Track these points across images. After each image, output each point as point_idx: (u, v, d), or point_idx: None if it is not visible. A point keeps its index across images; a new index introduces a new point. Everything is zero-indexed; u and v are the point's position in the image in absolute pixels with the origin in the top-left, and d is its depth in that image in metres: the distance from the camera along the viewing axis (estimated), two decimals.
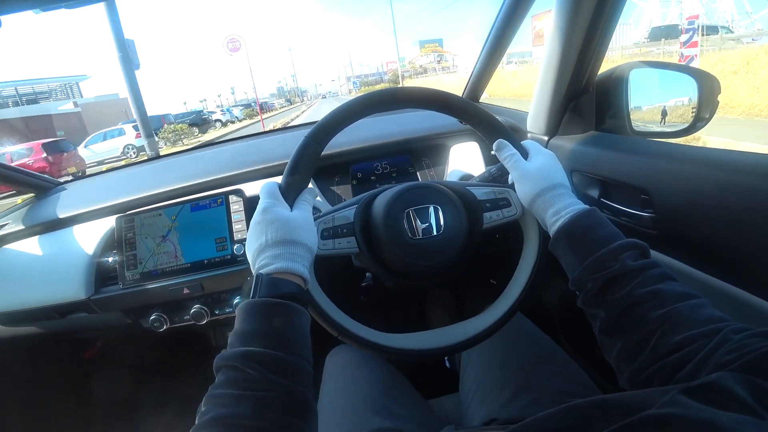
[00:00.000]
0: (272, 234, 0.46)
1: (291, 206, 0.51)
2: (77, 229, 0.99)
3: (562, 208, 0.50)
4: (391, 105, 0.58)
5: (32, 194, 1.22)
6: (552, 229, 0.51)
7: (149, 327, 0.93)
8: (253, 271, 0.46)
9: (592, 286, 0.44)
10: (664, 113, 0.81)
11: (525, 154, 0.57)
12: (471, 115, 0.60)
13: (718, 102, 0.70)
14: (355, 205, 0.58)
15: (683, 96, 0.76)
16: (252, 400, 0.35)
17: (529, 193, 0.54)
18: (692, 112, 0.73)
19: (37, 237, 1.02)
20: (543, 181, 0.53)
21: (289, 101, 67.48)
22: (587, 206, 0.50)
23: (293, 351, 0.40)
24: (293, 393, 0.37)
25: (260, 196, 0.51)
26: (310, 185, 0.58)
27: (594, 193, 0.77)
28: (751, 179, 0.50)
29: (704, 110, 0.71)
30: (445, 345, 0.56)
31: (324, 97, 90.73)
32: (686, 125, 0.74)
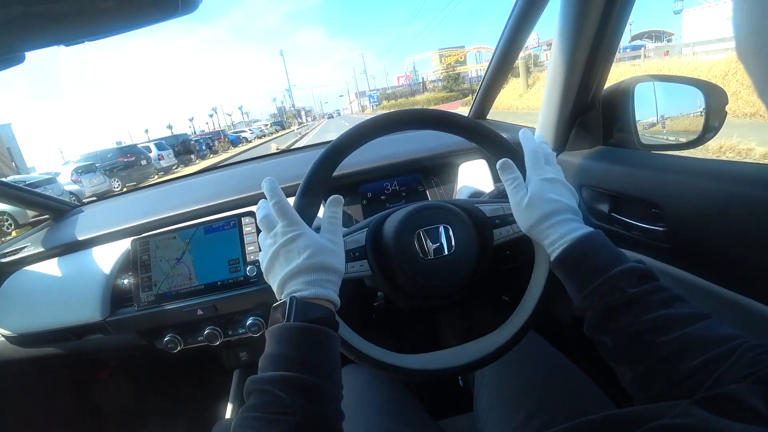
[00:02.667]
0: (304, 260, 0.46)
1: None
2: (94, 252, 1.01)
3: (556, 240, 0.49)
4: (396, 127, 0.58)
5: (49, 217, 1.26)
6: (551, 259, 0.50)
7: (163, 348, 0.94)
8: (280, 296, 0.46)
9: (593, 315, 0.44)
10: (671, 125, 0.81)
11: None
12: (475, 133, 0.60)
13: (726, 113, 0.70)
14: (366, 228, 0.59)
15: (690, 108, 0.77)
16: (284, 424, 0.35)
17: (524, 224, 0.53)
18: (700, 124, 0.73)
19: (54, 259, 1.04)
20: (534, 213, 0.51)
21: (281, 125, 49.65)
22: (585, 231, 0.48)
23: (327, 377, 0.40)
24: (325, 420, 0.38)
25: (278, 220, 0.49)
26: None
27: (604, 207, 0.77)
28: (763, 191, 0.50)
29: (712, 121, 0.71)
30: (462, 364, 0.55)
31: (330, 116, 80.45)
32: (695, 137, 0.74)
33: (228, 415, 1.23)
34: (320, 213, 0.54)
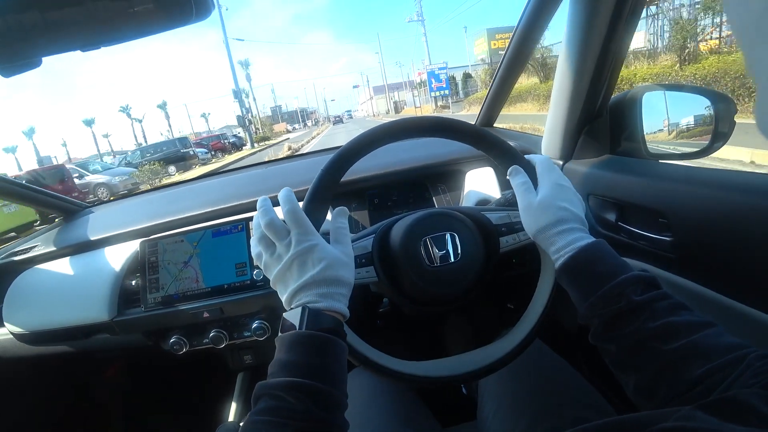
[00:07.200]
0: (319, 272, 0.46)
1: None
2: (102, 252, 1.03)
3: (562, 247, 0.49)
4: (404, 135, 0.58)
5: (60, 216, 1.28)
6: (555, 266, 0.51)
7: (169, 349, 0.94)
8: (289, 305, 0.46)
9: (599, 322, 0.44)
10: (678, 135, 0.81)
11: (536, 181, 0.56)
12: (483, 141, 0.60)
13: (735, 122, 0.70)
14: (373, 235, 0.59)
15: (698, 117, 0.76)
16: (292, 429, 0.36)
17: (532, 228, 0.53)
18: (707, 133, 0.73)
19: (64, 258, 1.06)
20: (544, 217, 0.51)
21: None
22: (590, 240, 0.49)
23: (335, 385, 0.41)
24: (332, 427, 0.38)
25: (290, 228, 0.48)
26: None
27: (611, 216, 0.77)
28: None
29: (721, 130, 0.71)
30: (467, 371, 0.55)
31: (339, 120, 63.20)
32: (703, 146, 0.74)
33: (231, 417, 1.23)
34: (328, 216, 0.55)
